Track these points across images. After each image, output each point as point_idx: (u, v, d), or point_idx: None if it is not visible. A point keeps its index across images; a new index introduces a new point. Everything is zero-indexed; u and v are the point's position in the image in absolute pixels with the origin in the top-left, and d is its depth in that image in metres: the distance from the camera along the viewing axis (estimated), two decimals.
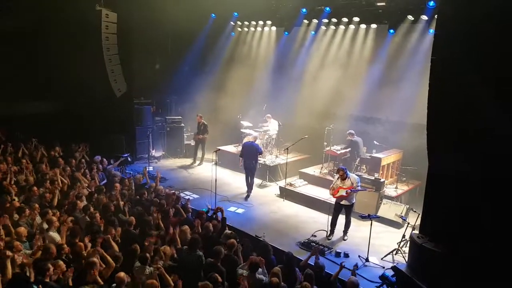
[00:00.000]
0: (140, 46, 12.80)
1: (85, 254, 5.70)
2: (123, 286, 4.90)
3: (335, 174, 9.24)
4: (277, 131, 12.48)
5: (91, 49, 11.70)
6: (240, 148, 12.67)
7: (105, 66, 11.91)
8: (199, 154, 13.07)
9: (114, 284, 4.94)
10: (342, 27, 11.91)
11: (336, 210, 8.06)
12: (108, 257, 5.59)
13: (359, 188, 7.91)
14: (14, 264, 5.20)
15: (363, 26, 11.49)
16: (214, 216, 7.59)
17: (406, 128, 10.56)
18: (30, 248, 5.85)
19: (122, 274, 4.99)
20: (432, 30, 9.72)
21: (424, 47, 10.22)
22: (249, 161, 10.29)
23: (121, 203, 7.71)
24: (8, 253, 5.16)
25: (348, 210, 8.00)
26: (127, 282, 4.96)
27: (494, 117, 5.39)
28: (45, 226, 6.44)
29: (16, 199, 7.40)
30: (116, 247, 6.03)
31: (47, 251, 5.44)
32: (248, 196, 10.29)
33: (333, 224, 8.06)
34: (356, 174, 8.80)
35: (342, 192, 7.80)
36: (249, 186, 10.37)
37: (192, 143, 13.54)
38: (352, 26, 11.72)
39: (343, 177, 7.85)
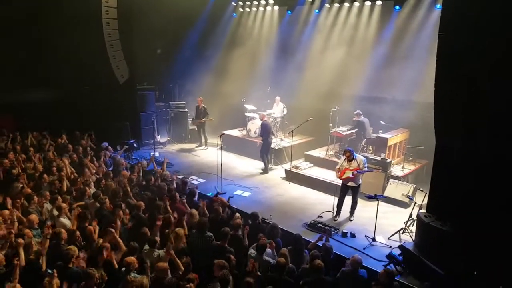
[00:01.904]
0: (141, 31, 12.64)
1: (95, 237, 5.79)
2: (132, 270, 4.96)
3: (340, 156, 9.20)
4: (281, 114, 12.39)
5: (92, 35, 11.60)
6: (244, 132, 12.68)
7: (107, 52, 11.83)
8: (203, 138, 13.09)
9: (124, 268, 5.02)
10: (346, 4, 11.66)
11: (342, 191, 8.05)
12: (120, 241, 5.66)
13: (365, 169, 7.86)
14: (29, 250, 5.27)
15: (368, 3, 11.24)
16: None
17: (413, 106, 10.42)
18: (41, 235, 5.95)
19: (131, 258, 5.06)
20: (439, 6, 9.47)
21: (431, 23, 9.98)
22: (269, 137, 10.74)
23: (129, 188, 7.77)
24: (21, 240, 5.24)
25: (355, 191, 7.99)
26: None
27: (501, 95, 5.30)
28: (56, 212, 6.53)
29: (25, 186, 7.48)
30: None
31: (57, 235, 5.52)
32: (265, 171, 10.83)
33: (340, 205, 8.07)
34: (362, 155, 8.74)
35: (349, 174, 7.77)
36: (268, 161, 10.93)
37: (196, 128, 13.52)
38: (356, 3, 11.46)
39: (350, 159, 7.79)
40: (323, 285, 5.16)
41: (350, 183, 7.89)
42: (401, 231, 7.30)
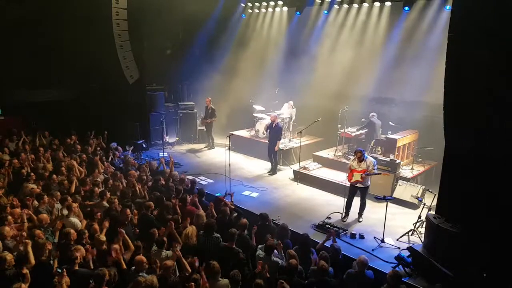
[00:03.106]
0: (150, 32, 12.74)
1: (100, 236, 5.84)
2: (143, 270, 5.00)
3: (350, 157, 9.17)
4: (289, 115, 12.37)
5: (102, 36, 11.73)
6: (253, 132, 12.68)
7: (117, 53, 11.95)
8: (210, 139, 13.15)
9: (133, 267, 5.06)
10: (355, 5, 11.64)
11: (351, 192, 8.03)
12: (129, 241, 5.71)
13: (374, 171, 7.83)
14: (42, 251, 5.30)
15: (377, 4, 11.21)
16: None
17: (422, 107, 10.35)
18: (52, 235, 6.02)
19: (141, 257, 5.10)
20: (448, 7, 9.40)
21: (440, 25, 9.93)
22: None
23: (138, 188, 7.83)
24: (37, 240, 5.29)
25: (363, 192, 7.96)
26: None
27: (511, 97, 5.24)
28: (65, 212, 6.61)
29: (35, 186, 7.58)
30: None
31: (66, 235, 5.59)
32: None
33: (348, 206, 8.05)
34: (372, 156, 8.71)
35: (357, 177, 7.76)
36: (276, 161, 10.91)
37: (205, 128, 13.58)
38: (365, 4, 11.44)
39: (360, 159, 7.79)
40: (325, 287, 5.15)
41: (358, 184, 7.87)
42: (410, 233, 7.26)
